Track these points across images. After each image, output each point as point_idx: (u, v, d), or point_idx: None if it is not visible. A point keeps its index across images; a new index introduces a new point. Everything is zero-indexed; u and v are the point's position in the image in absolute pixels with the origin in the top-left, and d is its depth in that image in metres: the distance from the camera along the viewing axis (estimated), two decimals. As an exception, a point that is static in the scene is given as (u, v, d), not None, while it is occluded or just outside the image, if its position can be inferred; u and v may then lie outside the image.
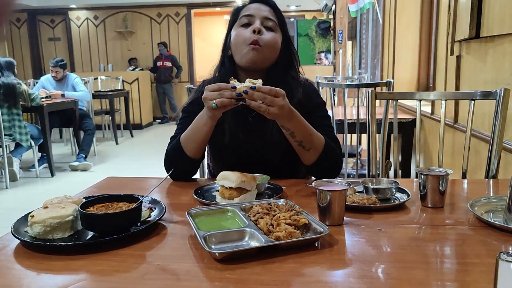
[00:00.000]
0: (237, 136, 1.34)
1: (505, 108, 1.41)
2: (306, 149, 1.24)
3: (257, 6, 1.35)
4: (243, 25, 1.33)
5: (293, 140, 1.23)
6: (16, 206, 3.68)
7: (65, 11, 9.91)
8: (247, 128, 1.36)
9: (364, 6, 4.69)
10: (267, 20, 1.33)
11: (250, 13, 1.33)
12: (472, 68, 2.06)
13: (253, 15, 1.33)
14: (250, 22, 1.33)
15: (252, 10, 1.34)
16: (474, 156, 1.92)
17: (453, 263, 0.77)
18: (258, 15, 1.33)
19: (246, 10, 1.36)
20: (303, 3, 9.74)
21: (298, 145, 1.24)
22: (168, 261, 0.77)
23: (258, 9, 1.34)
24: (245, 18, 1.33)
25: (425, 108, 2.74)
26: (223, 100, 1.11)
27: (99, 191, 1.18)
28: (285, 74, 1.38)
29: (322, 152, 1.26)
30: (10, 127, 4.19)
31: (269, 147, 1.35)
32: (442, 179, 1.01)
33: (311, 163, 1.27)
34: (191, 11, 9.76)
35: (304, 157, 1.28)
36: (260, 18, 1.33)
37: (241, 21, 1.34)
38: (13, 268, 0.76)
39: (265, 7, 1.35)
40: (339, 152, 1.33)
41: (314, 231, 0.84)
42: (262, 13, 1.34)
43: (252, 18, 1.33)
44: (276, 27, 1.35)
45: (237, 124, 1.35)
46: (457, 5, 2.14)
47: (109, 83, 7.58)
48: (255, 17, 1.33)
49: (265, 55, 1.31)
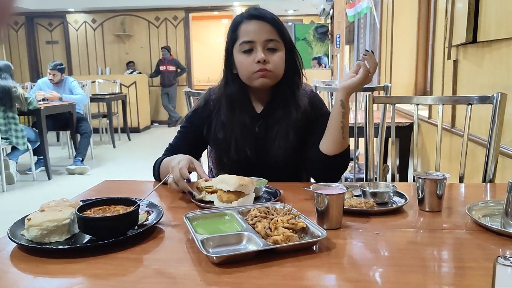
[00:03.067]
0: (243, 151, 1.35)
1: (502, 113, 1.41)
2: (343, 135, 1.25)
3: (256, 27, 1.29)
4: (245, 52, 1.29)
5: (341, 120, 1.23)
6: (13, 209, 3.65)
7: (63, 14, 9.90)
8: (254, 140, 1.37)
9: (362, 10, 4.72)
10: (269, 42, 1.29)
11: (250, 39, 1.28)
12: (469, 72, 2.07)
13: (254, 41, 1.28)
14: (252, 48, 1.29)
15: (252, 34, 1.28)
16: (471, 160, 1.93)
17: (450, 267, 0.77)
18: (259, 40, 1.28)
19: (244, 33, 1.30)
20: (301, 7, 9.77)
21: (341, 129, 1.24)
22: (166, 265, 0.77)
23: (257, 31, 1.28)
24: (245, 45, 1.29)
25: (423, 112, 2.75)
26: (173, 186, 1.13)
27: (96, 195, 1.18)
28: (291, 82, 1.37)
29: (346, 148, 1.28)
30: (6, 131, 4.17)
31: (274, 155, 1.35)
32: (440, 183, 1.01)
33: (334, 153, 1.26)
34: (189, 15, 9.77)
35: (334, 145, 1.26)
36: (261, 43, 1.28)
37: (242, 47, 1.29)
38: (9, 272, 0.76)
39: (264, 25, 1.29)
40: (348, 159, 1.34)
41: (311, 235, 0.84)
42: (262, 36, 1.28)
43: (252, 44, 1.28)
44: (278, 43, 1.31)
45: (244, 137, 1.35)
46: (454, 10, 2.15)
47: (107, 87, 7.56)
48: (256, 43, 1.28)
49: (275, 76, 1.32)
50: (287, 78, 1.36)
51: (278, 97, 1.37)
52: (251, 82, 1.32)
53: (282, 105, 1.36)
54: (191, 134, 1.43)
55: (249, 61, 1.29)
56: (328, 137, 1.27)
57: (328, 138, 1.27)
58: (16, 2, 0.42)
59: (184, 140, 1.43)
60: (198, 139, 1.42)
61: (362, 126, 2.16)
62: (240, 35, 1.31)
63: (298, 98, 1.37)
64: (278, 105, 1.37)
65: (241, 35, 1.30)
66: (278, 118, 1.36)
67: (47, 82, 5.27)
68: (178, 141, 1.43)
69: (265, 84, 1.31)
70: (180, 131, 1.44)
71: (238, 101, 1.36)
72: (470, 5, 1.89)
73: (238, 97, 1.36)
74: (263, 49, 1.28)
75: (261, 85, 1.31)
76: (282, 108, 1.36)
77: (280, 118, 1.36)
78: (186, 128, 1.44)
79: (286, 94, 1.37)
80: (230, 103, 1.36)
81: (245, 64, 1.30)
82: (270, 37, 1.29)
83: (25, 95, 4.30)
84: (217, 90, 1.42)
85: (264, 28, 1.29)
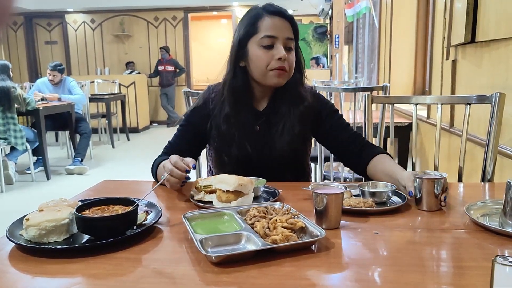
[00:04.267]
0: (244, 148, 1.35)
1: (501, 112, 1.42)
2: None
3: (279, 24, 1.30)
4: (265, 47, 1.29)
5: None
6: (12, 210, 3.65)
7: (62, 14, 9.89)
8: (255, 139, 1.37)
9: (361, 11, 4.72)
10: (289, 40, 1.30)
11: (273, 34, 1.28)
12: (467, 72, 2.07)
13: (276, 37, 1.28)
14: (273, 44, 1.29)
15: (275, 30, 1.29)
16: (470, 160, 1.93)
17: (449, 267, 0.77)
18: (281, 36, 1.29)
19: (266, 27, 1.29)
20: (300, 7, 9.76)
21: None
22: (164, 265, 0.77)
23: (280, 28, 1.29)
24: (267, 39, 1.28)
25: (421, 112, 2.75)
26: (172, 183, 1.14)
27: (95, 194, 1.18)
28: (295, 81, 1.38)
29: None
30: (5, 131, 4.17)
31: (275, 156, 1.36)
32: (437, 183, 1.01)
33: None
34: (188, 15, 9.76)
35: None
36: (283, 40, 1.29)
37: (263, 41, 1.29)
38: (8, 272, 0.76)
39: (285, 23, 1.31)
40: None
41: (310, 235, 0.84)
42: (284, 33, 1.29)
43: (275, 40, 1.29)
44: (293, 43, 1.33)
45: (245, 134, 1.35)
46: (453, 10, 2.16)
47: (106, 87, 7.56)
48: (278, 39, 1.28)
49: (289, 75, 1.33)
50: (292, 76, 1.37)
51: (281, 95, 1.38)
52: (266, 78, 1.32)
53: (287, 102, 1.37)
54: (190, 133, 1.43)
55: (268, 56, 1.29)
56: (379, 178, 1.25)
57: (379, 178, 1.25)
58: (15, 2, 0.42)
59: (183, 138, 1.43)
60: (197, 137, 1.42)
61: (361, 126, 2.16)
62: (262, 28, 1.30)
63: (301, 93, 1.38)
64: (281, 103, 1.38)
65: (263, 29, 1.30)
66: (283, 113, 1.37)
67: (46, 82, 5.26)
68: (177, 139, 1.43)
69: (279, 83, 1.32)
70: (179, 130, 1.45)
71: (241, 96, 1.36)
72: (468, 5, 1.89)
73: (242, 91, 1.36)
74: (284, 46, 1.30)
75: (276, 83, 1.32)
76: (286, 104, 1.37)
77: (285, 113, 1.36)
78: (185, 126, 1.44)
79: (290, 91, 1.37)
80: (233, 96, 1.35)
81: (264, 58, 1.29)
82: (290, 36, 1.31)
83: (24, 95, 4.29)
84: (217, 87, 1.41)
85: (286, 25, 1.31)
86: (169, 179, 1.13)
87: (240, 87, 1.35)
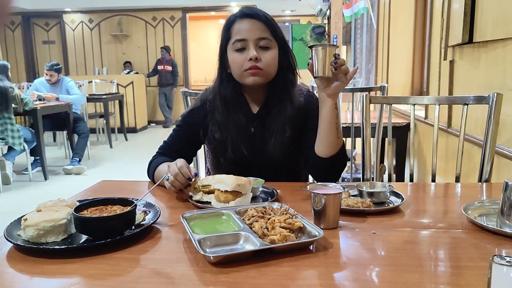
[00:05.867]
0: (240, 150, 1.35)
1: (498, 113, 1.42)
2: (338, 135, 1.25)
3: (249, 26, 1.30)
4: (238, 50, 1.31)
5: (335, 122, 1.23)
6: (9, 210, 3.64)
7: (60, 14, 9.87)
8: (250, 140, 1.37)
9: (359, 11, 4.73)
10: (261, 40, 1.30)
11: (243, 37, 1.29)
12: (465, 73, 2.08)
13: (246, 39, 1.29)
14: (244, 47, 1.30)
15: (244, 32, 1.30)
16: (467, 160, 1.93)
17: (447, 266, 0.77)
18: (251, 38, 1.29)
19: (236, 31, 1.31)
20: (298, 7, 9.77)
21: (335, 129, 1.24)
22: (163, 265, 0.77)
23: (250, 29, 1.30)
24: (238, 43, 1.30)
25: (419, 112, 2.76)
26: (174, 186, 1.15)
27: (93, 195, 1.18)
28: (285, 81, 1.37)
29: (342, 146, 1.28)
30: (3, 131, 4.16)
31: (271, 152, 1.35)
32: (327, 49, 1.12)
33: (331, 154, 1.26)
34: (186, 15, 9.76)
35: (331, 147, 1.25)
36: (253, 41, 1.29)
37: (235, 45, 1.30)
38: (5, 272, 0.76)
39: (256, 23, 1.31)
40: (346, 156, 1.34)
41: (308, 235, 0.85)
42: (254, 34, 1.29)
43: (245, 43, 1.30)
44: (271, 42, 1.32)
45: (240, 137, 1.36)
46: (450, 11, 2.16)
47: (104, 87, 7.54)
48: (248, 41, 1.29)
49: (266, 74, 1.32)
50: (281, 76, 1.36)
51: (273, 96, 1.38)
52: (243, 80, 1.33)
53: (277, 103, 1.37)
54: (186, 134, 1.43)
55: (241, 59, 1.30)
56: (323, 141, 1.26)
57: (324, 142, 1.26)
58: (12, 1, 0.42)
59: (178, 139, 1.43)
60: (193, 138, 1.43)
61: (359, 126, 2.16)
62: (233, 33, 1.32)
63: (293, 95, 1.37)
64: (273, 104, 1.37)
65: (234, 33, 1.32)
66: (274, 115, 1.37)
67: (43, 82, 5.25)
68: (173, 139, 1.44)
69: (256, 82, 1.31)
70: (175, 130, 1.45)
71: (232, 101, 1.37)
72: (466, 5, 1.89)
73: (232, 96, 1.37)
74: (255, 47, 1.30)
75: (252, 83, 1.32)
76: (277, 105, 1.37)
77: (275, 115, 1.36)
78: (181, 127, 1.44)
79: (281, 92, 1.37)
80: (224, 103, 1.36)
81: (237, 62, 1.31)
82: (262, 35, 1.30)
83: (21, 95, 4.28)
84: (211, 90, 1.42)
85: (256, 26, 1.31)
86: (173, 182, 1.13)
87: (229, 93, 1.36)
